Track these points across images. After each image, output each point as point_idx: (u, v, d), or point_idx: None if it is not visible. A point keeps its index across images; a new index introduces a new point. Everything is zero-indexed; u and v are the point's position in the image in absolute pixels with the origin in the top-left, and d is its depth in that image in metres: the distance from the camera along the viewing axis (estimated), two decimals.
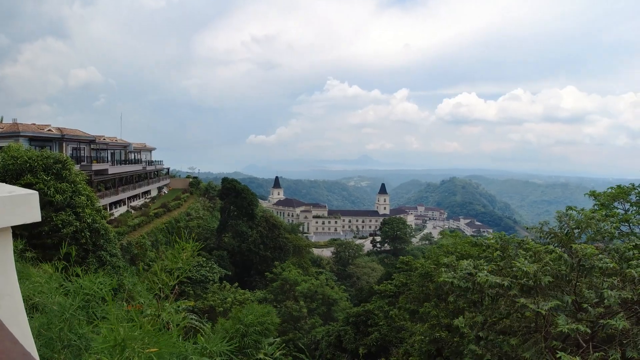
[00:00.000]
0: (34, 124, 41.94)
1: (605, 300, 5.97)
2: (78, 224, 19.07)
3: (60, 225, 18.26)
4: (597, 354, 5.72)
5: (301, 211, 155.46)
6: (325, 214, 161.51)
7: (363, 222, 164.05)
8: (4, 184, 1.89)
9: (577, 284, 6.80)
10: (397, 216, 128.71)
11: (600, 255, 6.59)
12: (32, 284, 4.03)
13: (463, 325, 7.37)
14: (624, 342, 5.92)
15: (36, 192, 1.72)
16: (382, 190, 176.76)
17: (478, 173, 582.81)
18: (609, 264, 6.33)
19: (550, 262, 7.02)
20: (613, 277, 6.65)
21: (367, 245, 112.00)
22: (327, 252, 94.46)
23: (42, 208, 1.74)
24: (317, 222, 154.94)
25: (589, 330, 5.88)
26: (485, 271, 7.25)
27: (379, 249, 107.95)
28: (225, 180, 65.06)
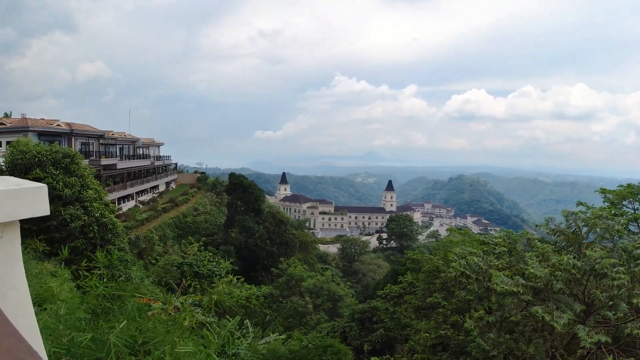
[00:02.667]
0: (43, 119, 42.34)
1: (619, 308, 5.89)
2: (86, 218, 19.15)
3: (68, 219, 18.36)
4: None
5: (308, 207, 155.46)
6: (332, 210, 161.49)
7: (369, 218, 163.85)
8: (12, 177, 1.86)
9: (588, 287, 6.71)
10: (404, 213, 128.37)
11: (614, 263, 6.46)
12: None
13: (472, 327, 7.29)
14: None
15: (45, 186, 1.68)
16: (389, 187, 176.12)
17: (485, 170, 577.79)
18: (622, 277, 6.20)
19: (561, 268, 6.93)
20: (622, 277, 6.55)
21: (374, 242, 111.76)
22: (333, 249, 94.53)
23: (50, 202, 1.71)
24: (323, 219, 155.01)
25: (609, 340, 5.78)
26: (498, 274, 7.15)
27: (385, 246, 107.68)
28: (233, 175, 65.26)
